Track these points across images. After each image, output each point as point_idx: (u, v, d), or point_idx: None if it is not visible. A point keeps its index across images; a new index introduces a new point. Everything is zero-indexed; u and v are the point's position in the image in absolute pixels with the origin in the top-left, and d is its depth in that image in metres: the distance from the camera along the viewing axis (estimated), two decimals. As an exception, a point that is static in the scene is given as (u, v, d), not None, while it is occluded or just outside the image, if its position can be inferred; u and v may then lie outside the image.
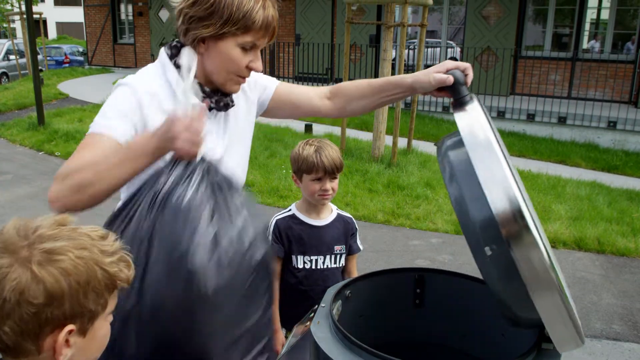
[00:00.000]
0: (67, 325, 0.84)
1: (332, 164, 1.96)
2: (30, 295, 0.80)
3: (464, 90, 1.33)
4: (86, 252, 0.85)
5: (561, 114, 9.65)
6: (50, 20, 37.99)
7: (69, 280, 0.82)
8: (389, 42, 6.49)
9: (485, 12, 11.65)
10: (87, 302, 0.85)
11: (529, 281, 0.99)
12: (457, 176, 1.11)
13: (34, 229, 0.85)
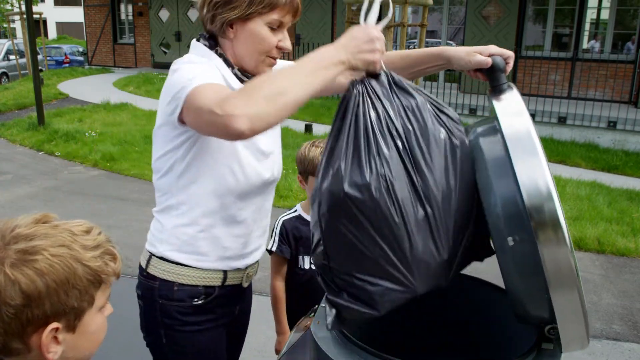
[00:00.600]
0: (50, 324, 0.83)
1: None
2: (7, 297, 0.79)
3: (503, 77, 1.32)
4: (64, 250, 0.84)
5: (561, 114, 9.65)
6: (50, 20, 37.99)
7: (45, 280, 0.81)
8: (389, 42, 6.49)
9: (485, 12, 11.66)
10: (68, 299, 0.84)
11: (552, 277, 0.97)
12: (487, 163, 1.09)
13: (12, 229, 0.85)
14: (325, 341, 1.20)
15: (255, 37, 1.39)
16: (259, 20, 1.37)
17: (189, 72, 1.29)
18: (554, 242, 0.96)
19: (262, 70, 1.44)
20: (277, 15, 1.38)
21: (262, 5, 1.35)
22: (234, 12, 1.36)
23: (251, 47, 1.40)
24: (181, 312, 1.46)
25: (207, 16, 1.41)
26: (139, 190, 6.09)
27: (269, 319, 2.43)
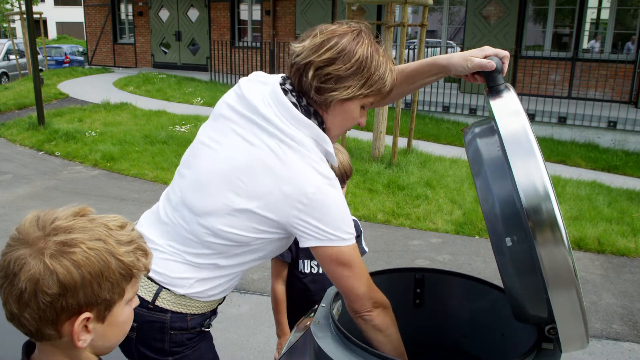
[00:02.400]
0: (83, 313, 0.87)
1: (343, 172, 1.92)
2: (45, 286, 0.83)
3: (500, 78, 1.31)
4: (100, 243, 0.88)
5: (561, 114, 9.65)
6: (50, 20, 37.98)
7: (81, 272, 0.85)
8: (389, 42, 6.48)
9: (486, 12, 11.66)
10: (101, 291, 0.88)
11: (550, 277, 0.97)
12: (486, 163, 1.10)
13: (52, 220, 0.88)
14: (325, 341, 1.20)
15: (349, 115, 1.35)
16: (359, 101, 1.33)
17: (343, 220, 1.32)
18: (552, 242, 0.96)
19: (334, 141, 1.43)
20: (374, 99, 1.36)
21: (371, 90, 1.31)
22: (346, 91, 1.30)
23: (341, 124, 1.37)
24: (191, 338, 1.47)
25: (314, 84, 1.30)
26: (139, 190, 6.09)
27: (270, 318, 2.43)
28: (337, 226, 1.29)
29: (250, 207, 1.29)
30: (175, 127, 8.83)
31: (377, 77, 1.30)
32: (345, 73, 1.28)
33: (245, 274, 4.06)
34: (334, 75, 1.28)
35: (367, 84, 1.30)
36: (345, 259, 1.30)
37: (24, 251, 0.85)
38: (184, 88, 12.77)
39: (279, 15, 14.50)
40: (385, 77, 1.32)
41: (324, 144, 1.34)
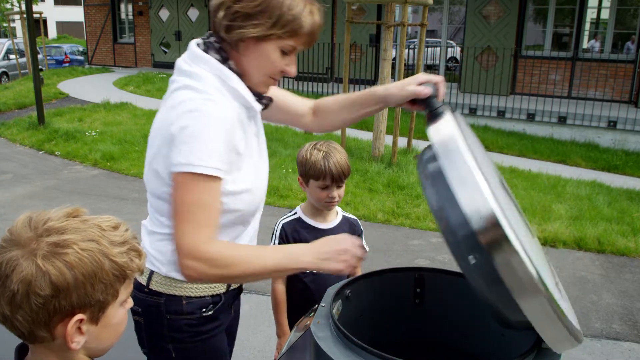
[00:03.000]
0: (76, 315, 0.87)
1: (340, 172, 1.92)
2: (37, 287, 0.83)
3: (437, 102, 1.33)
4: (93, 244, 0.87)
5: (561, 114, 9.65)
6: (50, 20, 37.99)
7: (74, 273, 0.84)
8: (389, 41, 6.48)
9: (486, 12, 11.65)
10: (94, 292, 0.87)
11: (513, 287, 0.99)
12: (435, 188, 1.10)
13: (44, 221, 0.88)
14: (325, 341, 1.20)
15: (265, 58, 1.33)
16: (275, 43, 1.31)
17: (200, 145, 1.23)
18: (508, 256, 0.97)
19: (260, 90, 1.40)
20: (293, 42, 1.33)
21: (284, 30, 1.29)
22: (254, 29, 1.29)
23: (258, 67, 1.35)
24: (191, 325, 1.45)
25: (223, 23, 1.31)
26: (139, 190, 6.09)
27: (269, 318, 2.43)
28: (198, 149, 1.24)
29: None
30: (175, 126, 8.81)
31: (291, 17, 1.28)
32: (253, 10, 1.27)
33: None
34: (242, 12, 1.28)
35: (279, 23, 1.28)
36: (184, 188, 1.25)
37: (16, 252, 0.84)
38: (184, 88, 12.74)
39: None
40: (301, 18, 1.29)
41: (227, 80, 1.33)
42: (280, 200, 5.64)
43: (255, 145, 1.45)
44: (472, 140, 1.18)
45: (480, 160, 1.07)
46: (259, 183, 1.46)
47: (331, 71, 13.42)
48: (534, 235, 1.22)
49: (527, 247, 0.99)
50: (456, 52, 16.44)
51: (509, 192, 1.27)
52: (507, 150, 8.46)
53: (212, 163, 1.24)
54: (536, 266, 0.98)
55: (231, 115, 1.30)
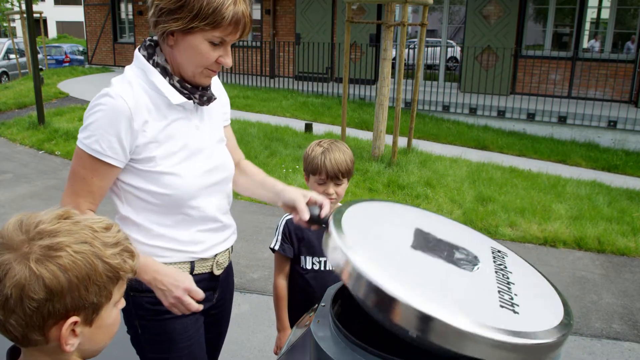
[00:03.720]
0: (70, 317, 0.86)
1: (336, 169, 1.90)
2: (31, 291, 0.82)
3: (321, 221, 1.51)
4: (86, 246, 0.87)
5: (561, 114, 9.65)
6: (50, 20, 37.98)
7: (67, 276, 0.84)
8: (389, 41, 6.48)
9: (486, 12, 11.65)
10: (88, 294, 0.86)
11: (385, 320, 1.06)
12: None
13: (36, 224, 0.87)
14: (325, 341, 1.20)
15: (194, 50, 1.40)
16: (200, 35, 1.38)
17: (87, 127, 1.41)
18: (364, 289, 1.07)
19: (199, 81, 1.48)
20: (219, 33, 1.38)
21: (205, 22, 1.35)
22: (176, 23, 1.36)
23: (188, 59, 1.42)
24: (151, 302, 1.49)
25: (151, 20, 1.41)
26: (139, 190, 6.09)
27: (270, 318, 2.43)
28: (84, 127, 1.41)
29: None
30: (175, 126, 8.82)
31: (210, 9, 1.34)
32: (174, 6, 1.35)
33: (245, 273, 4.07)
34: (165, 9, 1.36)
35: (200, 16, 1.34)
36: (73, 159, 1.44)
37: (8, 256, 0.83)
38: (184, 87, 12.75)
39: (279, 14, 14.49)
40: (223, 11, 1.34)
41: (149, 74, 1.45)
42: (280, 200, 5.64)
43: (191, 135, 1.52)
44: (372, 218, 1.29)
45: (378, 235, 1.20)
46: (191, 171, 1.50)
47: (331, 71, 13.42)
48: (478, 266, 1.20)
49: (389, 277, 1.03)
50: (456, 52, 16.44)
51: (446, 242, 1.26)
52: (507, 150, 8.46)
53: (93, 145, 1.39)
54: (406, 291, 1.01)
55: (124, 105, 1.39)
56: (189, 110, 1.52)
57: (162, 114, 1.46)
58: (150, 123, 1.43)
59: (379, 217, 1.33)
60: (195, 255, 1.56)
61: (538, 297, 1.18)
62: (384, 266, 1.07)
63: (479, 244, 1.33)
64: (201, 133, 1.55)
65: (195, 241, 1.55)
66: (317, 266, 2.00)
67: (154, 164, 1.45)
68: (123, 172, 1.47)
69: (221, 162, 1.61)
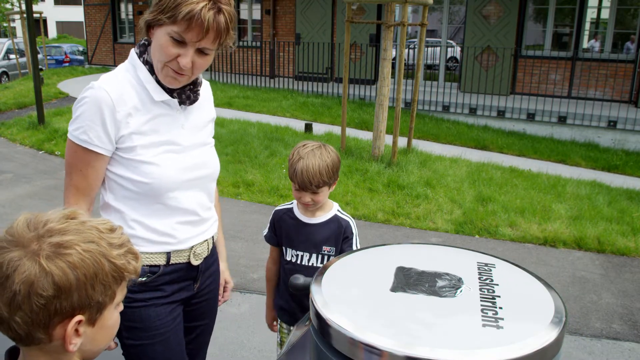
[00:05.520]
0: (75, 316, 0.87)
1: (305, 180, 1.86)
2: (39, 288, 0.82)
3: (302, 288, 1.53)
4: (94, 246, 0.88)
5: (561, 114, 9.65)
6: (50, 20, 37.97)
7: (76, 273, 0.84)
8: (389, 41, 6.48)
9: (486, 12, 11.65)
10: (94, 293, 0.87)
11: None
12: None
13: (44, 223, 0.87)
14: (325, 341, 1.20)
15: (157, 44, 1.47)
16: (163, 29, 1.44)
17: (75, 119, 1.48)
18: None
19: (164, 80, 1.52)
20: (177, 29, 1.41)
21: (167, 15, 1.41)
22: (149, 15, 1.46)
23: (154, 53, 1.49)
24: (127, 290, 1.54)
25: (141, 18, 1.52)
26: (139, 190, 6.09)
27: (269, 318, 2.42)
28: (72, 120, 1.49)
29: None
30: (175, 126, 8.82)
31: (172, 3, 1.40)
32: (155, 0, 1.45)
33: (245, 273, 4.07)
34: (150, 2, 1.49)
35: (165, 8, 1.41)
36: (66, 152, 1.52)
37: (17, 253, 0.84)
38: (184, 87, 12.75)
39: (279, 14, 14.49)
40: (182, 5, 1.39)
41: (137, 69, 1.54)
42: (281, 200, 5.64)
43: (175, 132, 1.57)
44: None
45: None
46: (169, 163, 1.55)
47: (331, 71, 13.42)
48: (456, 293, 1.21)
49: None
50: (456, 52, 16.43)
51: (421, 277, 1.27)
52: (507, 150, 8.46)
53: (82, 136, 1.46)
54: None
55: (106, 96, 1.46)
56: (175, 109, 1.58)
57: (147, 108, 1.53)
58: (134, 116, 1.50)
59: (360, 268, 1.34)
60: (171, 246, 1.60)
61: (526, 304, 1.18)
62: (358, 318, 1.09)
63: (464, 263, 1.34)
64: (186, 132, 1.60)
65: (172, 232, 1.59)
66: (294, 259, 2.05)
67: (135, 153, 1.50)
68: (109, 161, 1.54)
69: (203, 161, 1.65)
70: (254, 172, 6.46)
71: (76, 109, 1.48)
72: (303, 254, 2.02)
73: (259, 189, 6.02)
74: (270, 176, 6.32)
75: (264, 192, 5.94)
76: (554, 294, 1.22)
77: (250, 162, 6.88)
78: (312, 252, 2.01)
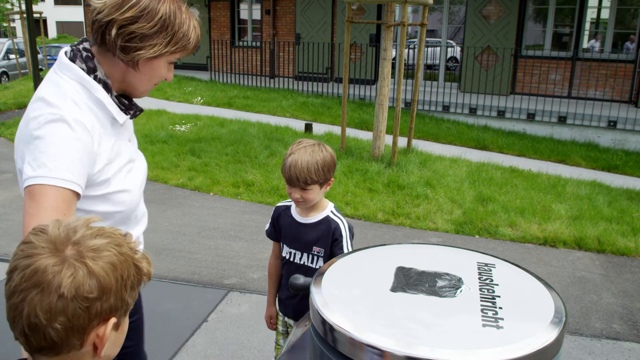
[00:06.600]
0: (111, 318, 0.87)
1: (292, 176, 1.86)
2: (85, 290, 0.83)
3: (302, 288, 1.51)
4: (124, 249, 0.90)
5: (561, 114, 9.65)
6: (50, 20, 37.97)
7: (115, 274, 0.86)
8: (389, 41, 6.48)
9: (486, 12, 11.65)
10: (126, 295, 0.89)
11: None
12: None
13: (74, 229, 0.87)
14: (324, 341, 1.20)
15: (156, 72, 1.42)
16: (166, 58, 1.41)
17: (54, 154, 1.24)
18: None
19: (142, 96, 1.50)
20: (180, 55, 1.43)
21: (176, 47, 1.37)
22: (152, 49, 1.34)
23: (148, 80, 1.43)
24: None
25: (118, 44, 1.31)
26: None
27: (269, 318, 2.42)
28: (49, 159, 1.25)
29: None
30: (175, 126, 8.83)
31: (182, 34, 1.37)
32: (150, 32, 1.31)
33: (245, 273, 4.07)
34: (138, 34, 1.30)
35: (173, 41, 1.36)
36: (34, 196, 1.25)
37: (56, 258, 0.83)
38: (184, 87, 12.77)
39: (279, 14, 14.49)
40: (190, 34, 1.39)
41: (91, 89, 1.36)
42: (281, 200, 5.63)
43: (128, 148, 1.51)
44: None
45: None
46: (134, 183, 1.51)
47: (331, 71, 13.42)
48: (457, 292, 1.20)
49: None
50: (456, 52, 16.43)
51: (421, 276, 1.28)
52: (507, 150, 8.46)
53: (65, 175, 1.25)
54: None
55: (84, 134, 1.31)
56: (119, 125, 1.49)
57: (108, 132, 1.42)
58: (102, 145, 1.37)
59: (360, 268, 1.34)
60: None
61: (526, 304, 1.18)
62: (358, 318, 1.09)
63: (464, 263, 1.34)
64: (132, 144, 1.57)
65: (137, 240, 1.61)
66: (287, 256, 2.08)
67: (107, 184, 1.40)
68: None
69: (144, 166, 1.64)
70: (254, 172, 6.46)
71: (44, 146, 1.27)
72: (295, 252, 2.04)
73: (259, 189, 6.02)
74: (270, 176, 6.32)
75: (264, 192, 5.94)
76: (554, 294, 1.22)
77: (250, 162, 6.88)
78: (303, 251, 2.02)
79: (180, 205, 5.60)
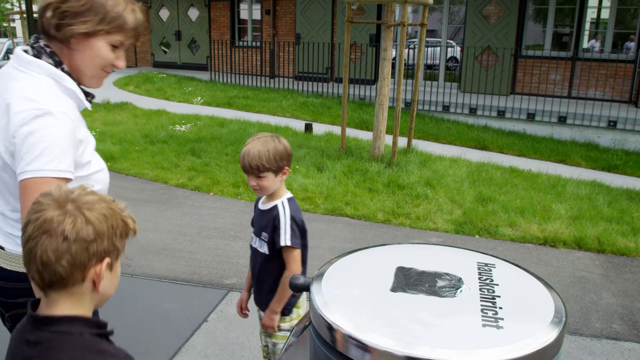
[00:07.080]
0: (105, 258, 1.07)
1: (246, 164, 2.01)
2: (84, 234, 1.03)
3: (302, 287, 1.51)
4: (112, 205, 1.11)
5: (561, 114, 9.65)
6: (50, 20, 37.98)
7: (107, 223, 1.06)
8: (389, 41, 6.48)
9: (486, 12, 11.65)
10: (116, 241, 1.09)
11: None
12: None
13: (72, 191, 1.08)
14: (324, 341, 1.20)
15: (96, 53, 1.49)
16: (103, 38, 1.47)
17: (51, 144, 1.36)
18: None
19: (93, 84, 1.55)
20: (121, 37, 1.49)
21: (111, 26, 1.46)
22: (84, 26, 1.43)
23: (91, 60, 1.50)
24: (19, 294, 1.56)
25: (52, 22, 1.43)
26: (139, 189, 6.09)
27: (269, 318, 2.42)
28: (48, 152, 1.37)
29: None
30: (175, 126, 8.83)
31: (115, 14, 1.45)
32: (80, 9, 1.42)
33: (245, 273, 4.06)
34: (70, 11, 1.42)
35: (106, 20, 1.44)
36: (30, 189, 1.36)
37: (59, 211, 1.03)
38: (184, 87, 12.77)
39: (279, 14, 14.49)
40: (125, 15, 1.47)
41: (61, 81, 1.47)
42: (280, 200, 5.64)
43: (88, 132, 1.61)
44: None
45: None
46: (102, 162, 1.69)
47: (331, 71, 13.42)
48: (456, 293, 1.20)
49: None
50: (456, 52, 16.44)
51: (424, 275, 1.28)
52: (507, 150, 8.46)
53: (59, 166, 1.39)
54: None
55: (69, 110, 1.44)
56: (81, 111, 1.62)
57: (79, 118, 1.54)
58: (80, 130, 1.51)
59: (360, 268, 1.34)
60: None
61: (526, 304, 1.18)
62: (358, 318, 1.10)
63: (464, 263, 1.34)
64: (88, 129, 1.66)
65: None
66: (251, 240, 2.22)
67: (89, 166, 1.56)
68: None
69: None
70: (254, 172, 6.45)
71: (37, 140, 1.36)
72: (253, 236, 2.18)
73: (259, 189, 6.01)
74: (270, 176, 6.31)
75: (264, 192, 5.94)
76: (554, 294, 1.22)
77: (250, 162, 6.86)
78: (257, 235, 2.16)
79: (180, 205, 5.60)
